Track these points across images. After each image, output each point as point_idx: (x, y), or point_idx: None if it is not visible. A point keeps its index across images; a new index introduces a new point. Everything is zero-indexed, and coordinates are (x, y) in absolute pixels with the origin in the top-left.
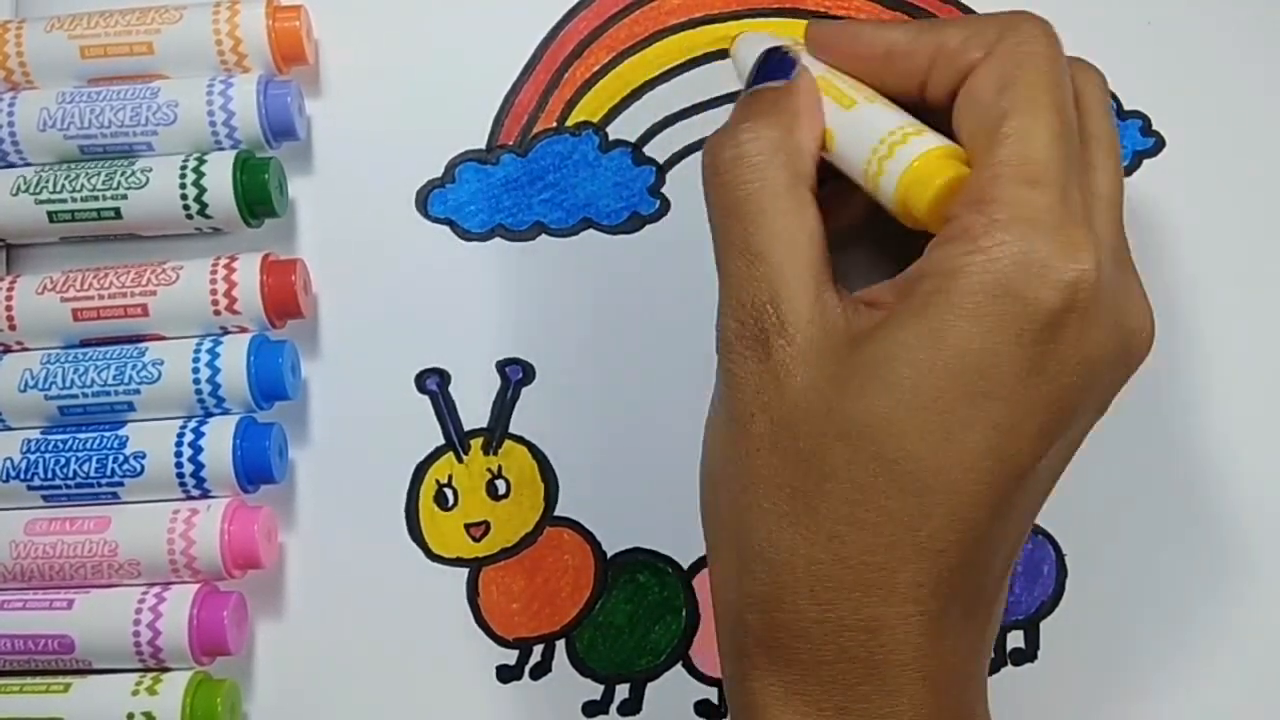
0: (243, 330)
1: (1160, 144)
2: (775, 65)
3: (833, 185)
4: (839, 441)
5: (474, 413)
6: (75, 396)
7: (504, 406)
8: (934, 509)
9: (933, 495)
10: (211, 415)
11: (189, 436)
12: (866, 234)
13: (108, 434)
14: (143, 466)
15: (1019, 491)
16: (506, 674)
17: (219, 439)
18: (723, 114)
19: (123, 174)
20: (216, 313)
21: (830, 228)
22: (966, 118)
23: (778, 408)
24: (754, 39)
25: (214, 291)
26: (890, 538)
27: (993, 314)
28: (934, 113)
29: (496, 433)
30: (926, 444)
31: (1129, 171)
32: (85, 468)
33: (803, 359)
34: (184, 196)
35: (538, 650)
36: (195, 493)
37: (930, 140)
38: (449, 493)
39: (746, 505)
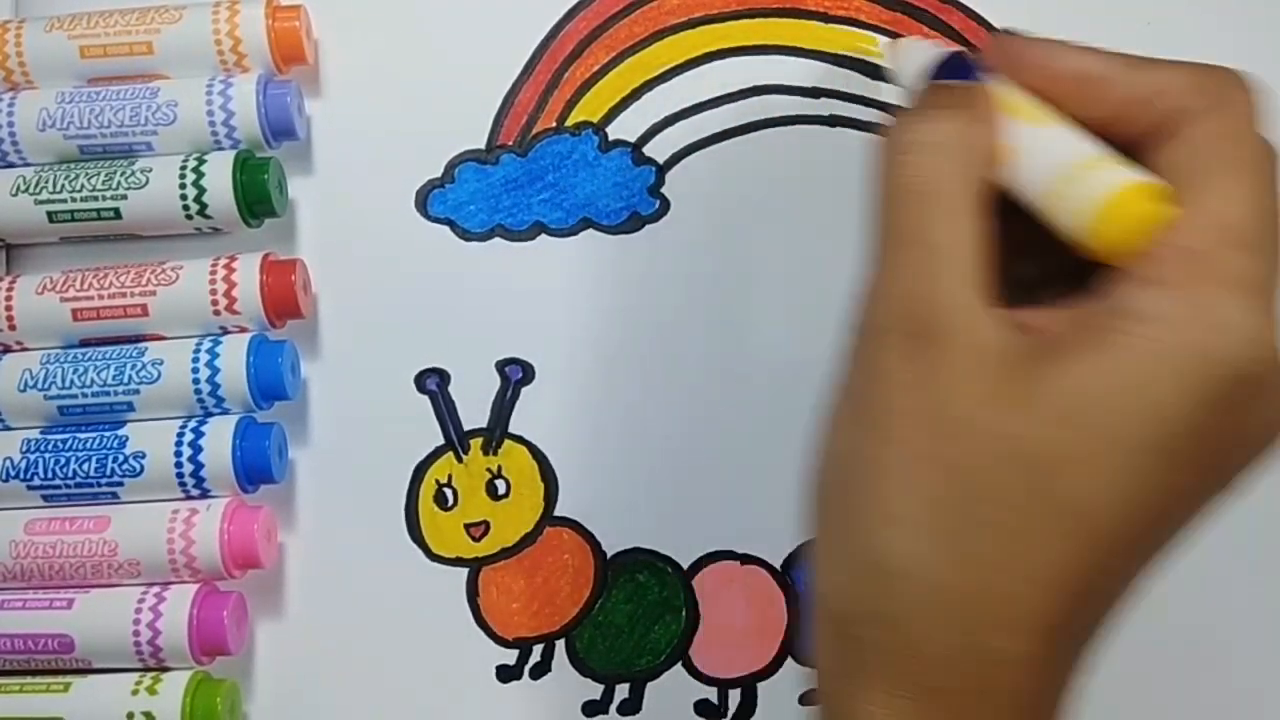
0: (242, 330)
1: None
2: (960, 68)
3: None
4: (1007, 465)
5: (474, 413)
6: (75, 396)
7: (504, 406)
8: (1089, 555)
9: (1093, 541)
10: (211, 415)
11: (189, 436)
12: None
13: (107, 434)
14: (142, 466)
15: (1159, 553)
16: (506, 674)
17: (219, 439)
18: (723, 114)
19: (122, 174)
20: (216, 313)
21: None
22: (1184, 163)
23: (931, 412)
24: (919, 45)
25: (214, 291)
26: (1032, 574)
27: (1187, 372)
28: (1113, 147)
29: (496, 433)
30: (1098, 487)
31: None
32: (85, 467)
33: (962, 368)
34: (184, 196)
35: (538, 650)
36: (195, 493)
37: (1135, 173)
38: (449, 493)
39: (873, 507)
